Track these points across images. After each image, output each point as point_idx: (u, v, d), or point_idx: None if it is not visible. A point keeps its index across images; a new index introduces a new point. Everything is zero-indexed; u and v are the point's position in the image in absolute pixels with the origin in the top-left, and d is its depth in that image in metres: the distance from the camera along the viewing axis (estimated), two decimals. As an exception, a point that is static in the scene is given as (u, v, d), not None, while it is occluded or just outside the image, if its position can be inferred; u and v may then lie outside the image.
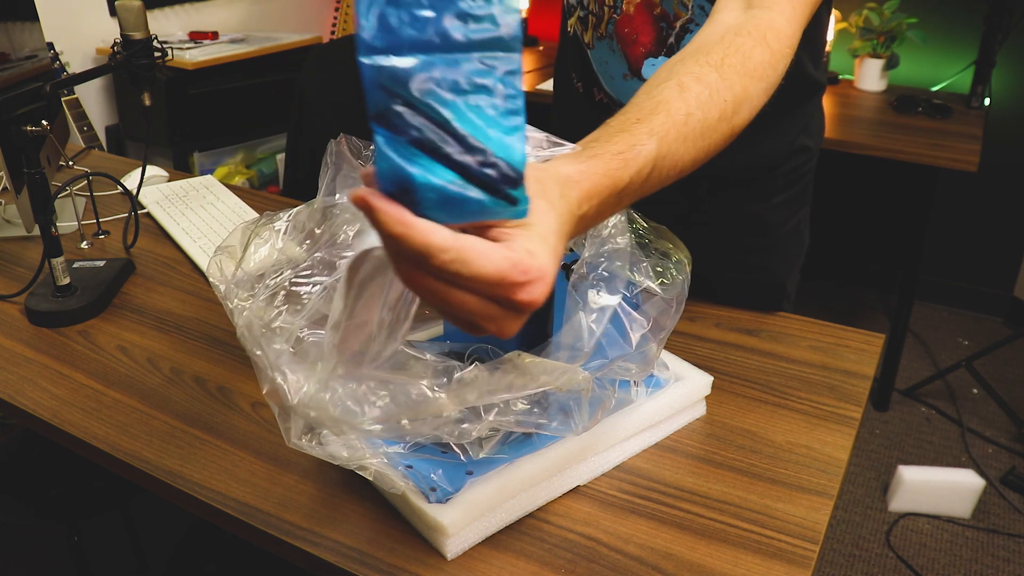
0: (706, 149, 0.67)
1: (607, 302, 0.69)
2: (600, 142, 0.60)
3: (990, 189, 2.79)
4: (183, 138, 2.60)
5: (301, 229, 0.74)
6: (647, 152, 0.60)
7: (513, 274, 0.46)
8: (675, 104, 0.64)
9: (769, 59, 0.71)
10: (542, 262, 0.48)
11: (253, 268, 0.72)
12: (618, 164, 0.58)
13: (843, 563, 1.89)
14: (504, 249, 0.47)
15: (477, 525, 0.70)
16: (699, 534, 0.71)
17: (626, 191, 0.59)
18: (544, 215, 0.50)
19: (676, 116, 0.63)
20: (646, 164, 0.60)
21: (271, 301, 0.69)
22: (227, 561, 1.52)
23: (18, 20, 1.19)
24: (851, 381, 0.93)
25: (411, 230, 0.44)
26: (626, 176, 0.58)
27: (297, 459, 0.80)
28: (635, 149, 0.60)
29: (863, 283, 3.12)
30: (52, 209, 1.05)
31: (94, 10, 2.58)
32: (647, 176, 0.61)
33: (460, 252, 0.45)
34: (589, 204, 0.56)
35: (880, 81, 2.58)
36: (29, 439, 1.46)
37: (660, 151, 0.61)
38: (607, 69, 1.03)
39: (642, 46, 0.97)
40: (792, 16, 0.75)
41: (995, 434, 2.33)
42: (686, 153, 0.64)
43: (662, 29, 0.95)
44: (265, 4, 3.12)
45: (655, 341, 0.75)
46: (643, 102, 0.65)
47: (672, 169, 0.64)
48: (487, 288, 0.46)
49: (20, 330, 1.04)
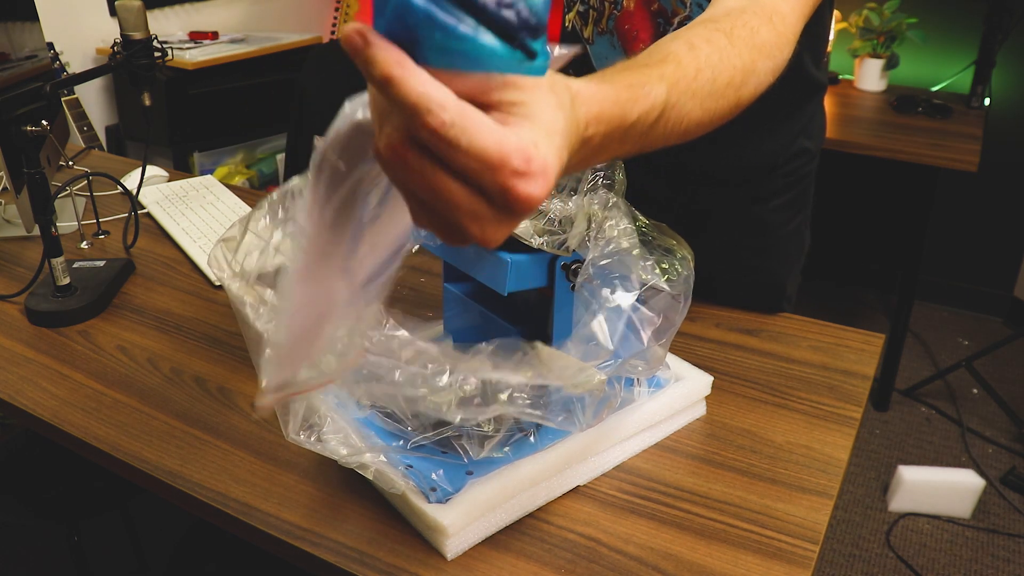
0: (712, 112, 0.63)
1: (622, 301, 0.69)
2: (609, 73, 0.56)
3: (990, 189, 2.79)
4: (183, 138, 2.60)
5: (300, 194, 0.73)
6: (657, 93, 0.56)
7: (515, 158, 0.40)
8: (685, 58, 0.61)
9: (775, 40, 0.69)
10: (546, 156, 0.42)
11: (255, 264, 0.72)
12: (628, 95, 0.54)
13: (843, 563, 1.89)
14: (508, 131, 0.41)
15: (477, 525, 0.70)
16: (699, 534, 0.71)
17: (632, 129, 0.55)
18: (553, 111, 0.44)
19: (687, 68, 0.60)
20: (655, 106, 0.56)
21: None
22: (227, 561, 1.52)
23: (18, 20, 1.19)
24: (851, 381, 0.93)
25: (409, 74, 0.38)
26: (635, 112, 0.54)
27: (297, 459, 0.80)
28: (645, 88, 0.55)
29: (863, 283, 3.12)
30: (52, 209, 1.05)
31: (94, 10, 2.58)
32: (654, 120, 0.57)
33: (461, 116, 0.39)
34: (596, 128, 0.50)
35: (880, 81, 2.58)
36: (29, 439, 1.46)
37: (669, 98, 0.57)
38: (607, 64, 1.03)
39: (641, 42, 0.97)
40: (795, 4, 0.73)
41: (995, 434, 2.33)
42: (693, 109, 0.61)
43: (659, 25, 0.95)
44: (265, 4, 3.12)
45: (664, 338, 0.75)
46: (651, 52, 0.61)
47: (678, 123, 0.60)
48: (482, 171, 0.40)
49: (20, 330, 1.04)
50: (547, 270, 0.72)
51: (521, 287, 0.72)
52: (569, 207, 0.70)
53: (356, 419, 0.75)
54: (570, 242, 0.70)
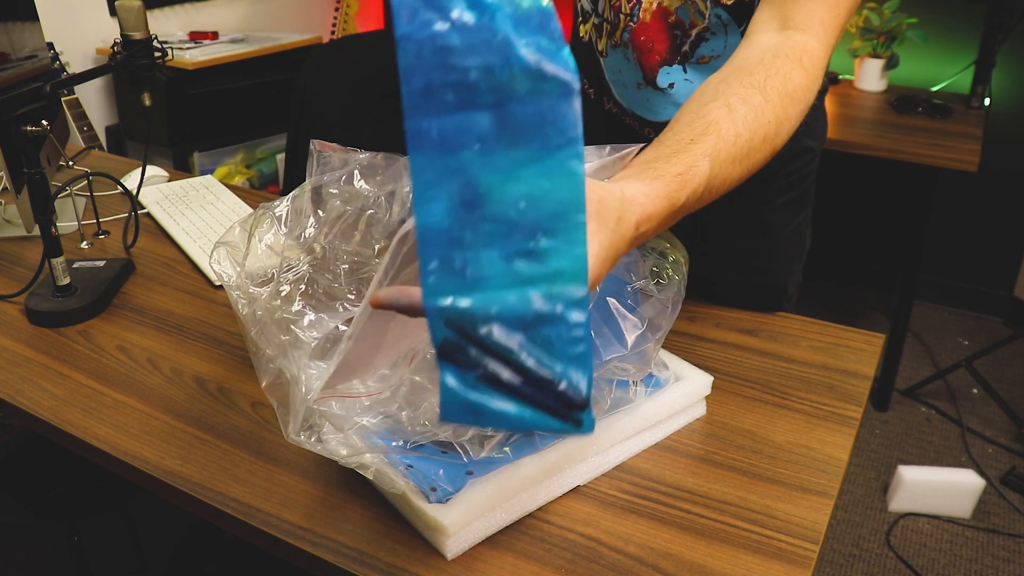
0: (750, 168, 0.70)
1: (610, 304, 0.70)
2: (660, 162, 0.63)
3: (990, 189, 2.79)
4: (183, 138, 2.60)
5: (302, 213, 0.74)
6: (702, 173, 0.64)
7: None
8: (725, 125, 0.67)
9: (807, 82, 0.74)
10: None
11: (259, 264, 0.72)
12: (677, 185, 0.62)
13: (843, 563, 1.89)
14: None
15: (477, 525, 0.70)
16: (699, 534, 0.71)
17: (681, 210, 0.63)
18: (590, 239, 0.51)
19: (727, 137, 0.67)
20: (700, 184, 0.64)
21: (290, 292, 0.69)
22: (227, 561, 1.53)
23: (18, 20, 1.19)
24: (851, 381, 0.93)
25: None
26: (683, 196, 0.62)
27: (297, 459, 0.80)
28: (692, 171, 0.63)
29: (863, 283, 3.12)
30: (52, 209, 1.05)
31: (94, 10, 2.58)
32: (700, 195, 0.65)
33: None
34: (648, 225, 0.59)
35: (880, 81, 2.58)
36: (29, 439, 1.46)
37: (712, 172, 0.65)
38: (620, 77, 1.03)
39: (657, 54, 0.97)
40: (825, 39, 0.78)
41: (995, 434, 2.33)
42: (733, 172, 0.68)
43: (676, 37, 0.95)
44: (265, 4, 3.12)
45: (652, 341, 0.75)
46: (694, 121, 0.68)
47: (721, 187, 0.67)
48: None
49: (20, 330, 1.04)
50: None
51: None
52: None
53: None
54: None
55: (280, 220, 0.73)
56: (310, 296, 0.71)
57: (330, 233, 0.72)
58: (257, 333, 0.68)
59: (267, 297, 0.69)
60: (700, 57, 0.95)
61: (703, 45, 0.94)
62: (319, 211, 0.73)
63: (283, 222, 0.73)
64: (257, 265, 0.72)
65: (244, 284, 0.71)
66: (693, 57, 0.96)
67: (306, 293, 0.71)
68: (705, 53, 0.95)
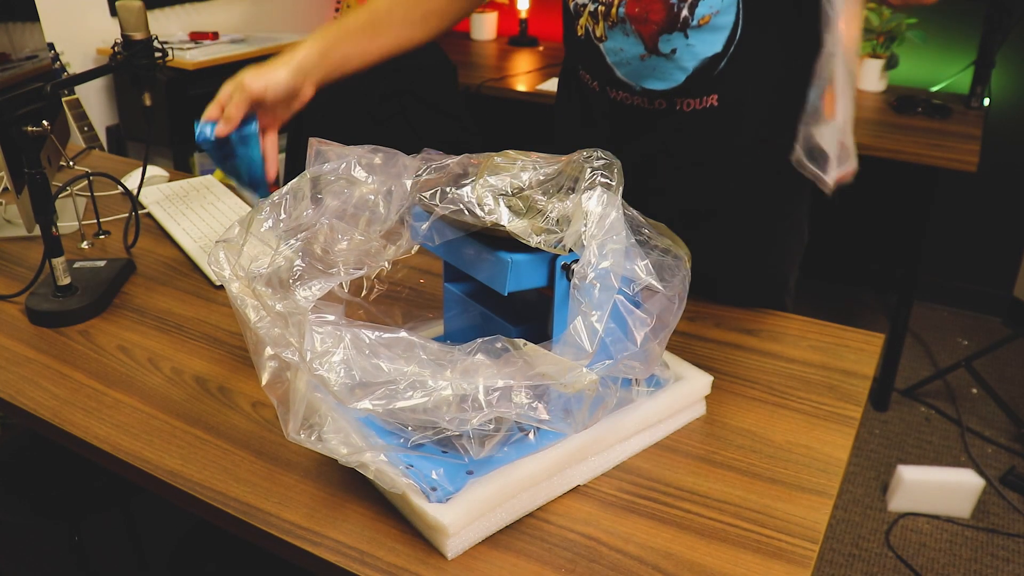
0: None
1: (616, 301, 0.70)
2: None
3: (990, 189, 2.80)
4: (183, 138, 2.60)
5: (303, 197, 0.74)
6: None
7: None
8: None
9: None
10: None
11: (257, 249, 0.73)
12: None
13: (843, 563, 1.89)
14: None
15: (477, 525, 0.70)
16: (699, 534, 0.72)
17: None
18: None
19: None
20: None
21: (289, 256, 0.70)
22: (227, 561, 1.53)
23: (18, 20, 1.19)
24: (851, 381, 0.93)
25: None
26: None
27: (297, 459, 0.80)
28: None
29: (863, 283, 3.12)
30: (53, 209, 1.05)
31: (94, 10, 2.58)
32: None
33: None
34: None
35: (880, 81, 2.58)
36: (30, 439, 1.46)
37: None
38: (622, 57, 1.02)
39: (654, 23, 0.97)
40: None
41: (995, 434, 2.33)
42: None
43: (673, 5, 0.95)
44: (265, 4, 3.12)
45: (658, 338, 0.75)
46: None
47: None
48: None
49: (21, 330, 1.04)
50: (547, 270, 0.72)
51: (521, 287, 0.72)
52: (567, 206, 0.70)
53: (356, 418, 0.75)
54: (567, 241, 0.70)
55: (279, 207, 0.74)
56: (308, 266, 0.71)
57: (329, 216, 0.72)
58: (257, 316, 0.67)
59: (265, 274, 0.69)
60: (701, 18, 0.95)
61: (701, 5, 0.94)
62: (317, 195, 0.74)
63: (282, 208, 0.74)
64: (256, 250, 0.72)
65: (241, 266, 0.71)
66: (694, 19, 0.95)
67: (306, 262, 0.71)
68: (705, 12, 0.94)
